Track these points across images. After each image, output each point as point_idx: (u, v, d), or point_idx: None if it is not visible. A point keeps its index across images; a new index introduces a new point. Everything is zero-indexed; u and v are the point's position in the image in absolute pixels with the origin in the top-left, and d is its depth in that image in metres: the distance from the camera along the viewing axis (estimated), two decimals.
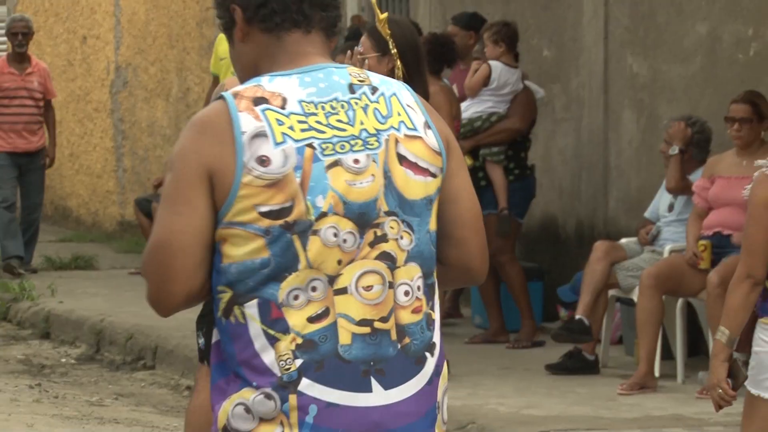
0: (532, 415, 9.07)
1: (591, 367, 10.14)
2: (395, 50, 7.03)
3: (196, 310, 7.14)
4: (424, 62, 7.73)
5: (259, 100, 3.52)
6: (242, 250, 3.50)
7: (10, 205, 13.98)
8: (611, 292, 10.15)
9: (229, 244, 3.51)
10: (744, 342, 6.05)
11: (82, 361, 11.88)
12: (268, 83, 3.56)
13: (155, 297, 3.57)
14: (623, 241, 10.37)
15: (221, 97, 3.57)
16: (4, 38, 15.85)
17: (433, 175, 3.62)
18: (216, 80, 13.60)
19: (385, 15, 7.25)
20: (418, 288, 3.61)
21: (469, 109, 11.04)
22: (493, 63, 10.97)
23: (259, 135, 3.48)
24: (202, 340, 6.85)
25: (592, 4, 11.42)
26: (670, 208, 10.16)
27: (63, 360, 11.91)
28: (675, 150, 9.87)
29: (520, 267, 11.18)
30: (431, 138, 3.63)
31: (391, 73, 6.71)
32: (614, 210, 11.30)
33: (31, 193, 14.00)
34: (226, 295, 3.55)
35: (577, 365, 10.16)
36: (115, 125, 16.21)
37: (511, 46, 11.05)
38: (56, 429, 9.44)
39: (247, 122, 3.48)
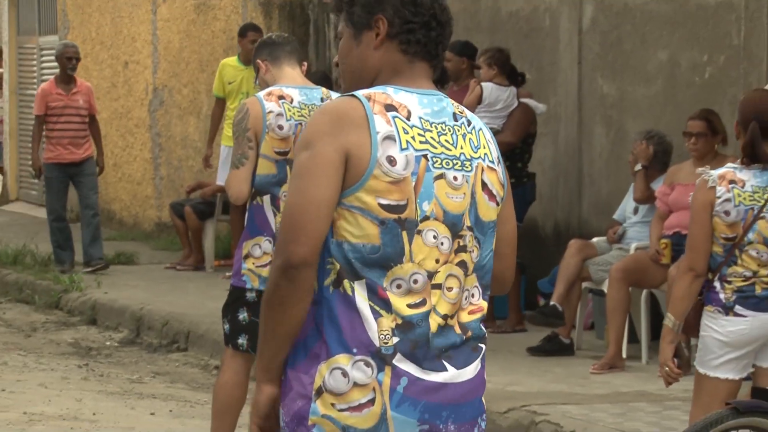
0: (515, 391, 9.06)
1: (567, 350, 10.20)
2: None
3: (222, 300, 7.21)
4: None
5: (389, 107, 3.56)
6: (357, 233, 3.53)
7: (57, 217, 13.91)
8: (584, 285, 10.20)
9: (345, 222, 3.52)
10: (692, 327, 6.09)
11: (124, 344, 11.87)
12: (394, 93, 3.60)
13: (287, 252, 3.51)
14: (594, 240, 10.41)
15: (352, 96, 3.58)
16: (53, 63, 15.70)
17: (498, 204, 3.71)
18: (220, 102, 13.52)
19: None
20: (475, 295, 3.68)
21: None
22: (485, 84, 10.93)
23: (389, 137, 3.52)
24: (227, 326, 6.82)
25: (567, 33, 11.44)
26: (635, 211, 10.21)
27: (107, 343, 11.89)
28: (639, 167, 9.93)
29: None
30: (500, 172, 3.71)
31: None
32: (587, 213, 11.32)
33: (86, 197, 13.87)
34: (334, 268, 3.54)
35: (554, 348, 10.20)
36: (153, 139, 16.22)
37: (502, 69, 11.01)
38: (101, 403, 9.43)
39: (380, 124, 3.52)
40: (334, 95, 3.75)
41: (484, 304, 3.70)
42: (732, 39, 10.09)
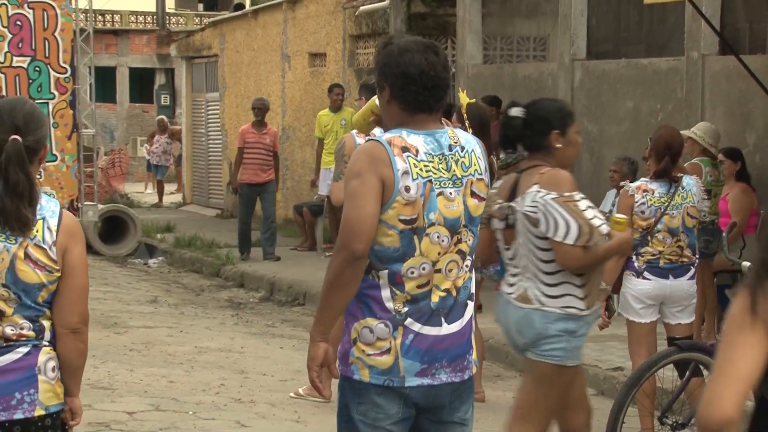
0: None
1: None
2: (468, 122, 6.97)
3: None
4: (487, 129, 7.56)
5: (404, 149, 3.49)
6: (383, 239, 3.49)
7: (245, 222, 13.65)
8: None
9: (377, 232, 3.48)
10: (617, 287, 6.35)
11: (262, 300, 11.96)
12: (407, 136, 3.53)
13: (349, 247, 3.46)
14: None
15: (377, 141, 3.52)
16: (216, 111, 15.61)
17: (483, 200, 3.65)
18: (320, 141, 13.55)
19: (466, 101, 7.28)
20: (467, 267, 3.62)
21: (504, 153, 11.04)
22: None
23: (405, 173, 3.47)
24: None
25: (563, 90, 11.38)
26: (610, 210, 10.16)
27: (251, 300, 11.98)
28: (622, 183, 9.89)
29: None
30: (486, 178, 3.65)
31: None
32: None
33: (267, 209, 13.64)
34: (369, 260, 3.51)
35: None
36: (282, 163, 16.32)
37: None
38: (247, 340, 9.50)
39: (399, 163, 3.47)
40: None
41: (472, 273, 3.64)
42: (677, 93, 10.04)
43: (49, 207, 3.39)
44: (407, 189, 3.47)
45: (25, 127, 3.37)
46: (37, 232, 3.34)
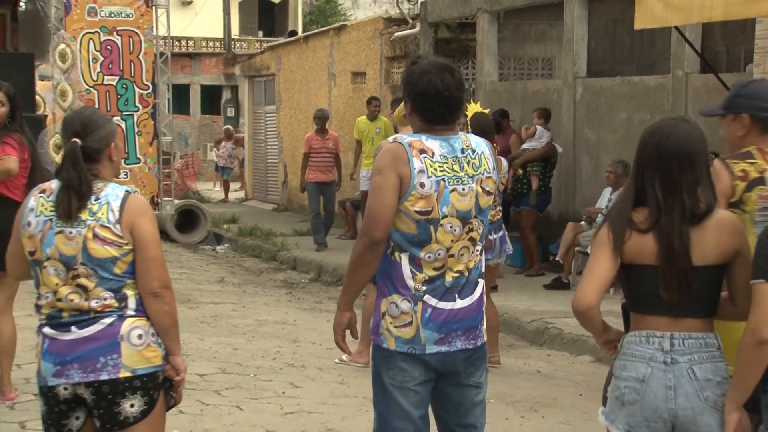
0: (536, 310, 9.01)
1: (566, 286, 10.06)
2: (470, 128, 6.89)
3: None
4: (487, 135, 7.54)
5: (422, 151, 3.46)
6: (402, 226, 3.46)
7: (315, 215, 13.53)
8: (576, 248, 10.05)
9: (397, 220, 3.46)
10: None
11: (311, 281, 11.95)
12: (425, 140, 3.49)
13: (369, 233, 3.46)
14: (582, 222, 10.27)
15: (399, 143, 3.49)
16: (273, 121, 15.66)
17: (492, 194, 3.60)
18: (358, 143, 13.47)
19: (473, 111, 7.23)
20: (478, 251, 3.58)
21: (525, 145, 11.07)
22: (537, 126, 10.98)
23: (421, 171, 3.43)
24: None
25: (567, 103, 11.32)
26: (605, 206, 10.12)
27: (302, 281, 11.98)
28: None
29: (535, 235, 11.07)
30: (494, 176, 3.60)
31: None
32: (578, 207, 11.17)
33: (328, 205, 13.57)
34: (391, 244, 3.49)
35: (559, 285, 10.10)
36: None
37: (546, 119, 11.01)
38: (299, 315, 9.50)
39: (416, 163, 3.44)
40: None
41: (482, 255, 3.62)
42: (664, 106, 9.96)
43: (114, 193, 3.38)
44: (422, 185, 3.44)
45: (83, 130, 3.39)
46: (101, 214, 3.34)
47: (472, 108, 7.41)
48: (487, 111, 7.89)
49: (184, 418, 5.74)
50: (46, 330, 3.36)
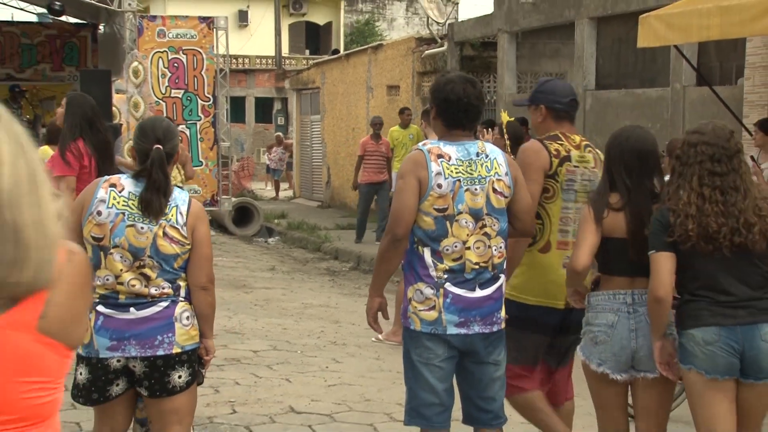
0: None
1: None
2: (507, 135, 6.86)
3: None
4: (520, 141, 7.42)
5: (440, 156, 3.45)
6: (422, 223, 3.45)
7: (363, 213, 13.22)
8: None
9: (418, 218, 3.45)
10: None
11: (351, 269, 11.93)
12: (443, 146, 3.49)
13: (393, 231, 3.46)
14: None
15: (420, 150, 3.49)
16: (318, 129, 15.57)
17: (505, 197, 3.54)
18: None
19: (506, 119, 7.21)
20: (500, 247, 3.53)
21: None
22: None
23: (438, 173, 3.41)
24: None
25: (577, 114, 11.30)
26: None
27: (343, 269, 11.97)
28: None
29: None
30: (506, 179, 3.54)
31: (503, 147, 6.43)
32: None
33: (382, 204, 13.19)
34: (414, 239, 3.48)
35: None
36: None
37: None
38: (340, 299, 9.50)
39: (434, 166, 3.43)
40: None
41: (506, 252, 3.57)
42: (664, 115, 9.87)
43: (180, 197, 3.41)
44: (439, 186, 3.43)
45: (164, 138, 3.42)
46: (171, 216, 3.36)
47: (505, 117, 7.37)
48: (512, 119, 7.85)
49: (240, 389, 5.80)
50: (101, 308, 3.35)
